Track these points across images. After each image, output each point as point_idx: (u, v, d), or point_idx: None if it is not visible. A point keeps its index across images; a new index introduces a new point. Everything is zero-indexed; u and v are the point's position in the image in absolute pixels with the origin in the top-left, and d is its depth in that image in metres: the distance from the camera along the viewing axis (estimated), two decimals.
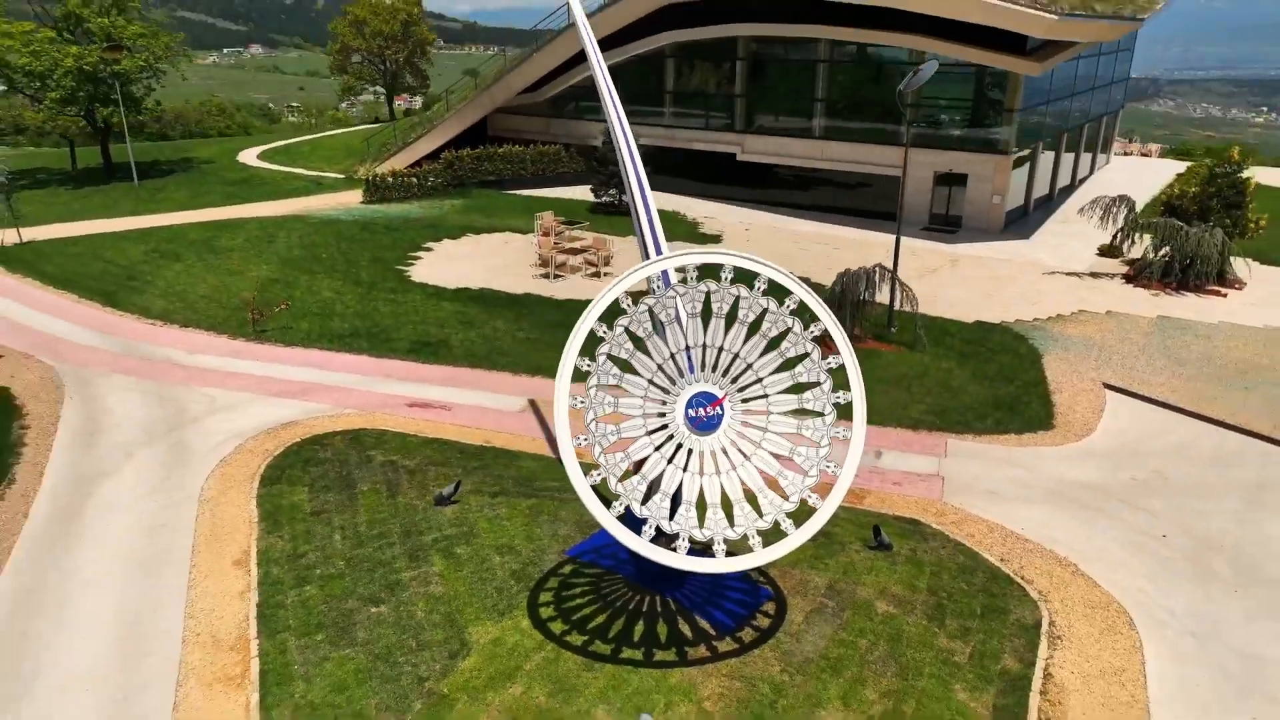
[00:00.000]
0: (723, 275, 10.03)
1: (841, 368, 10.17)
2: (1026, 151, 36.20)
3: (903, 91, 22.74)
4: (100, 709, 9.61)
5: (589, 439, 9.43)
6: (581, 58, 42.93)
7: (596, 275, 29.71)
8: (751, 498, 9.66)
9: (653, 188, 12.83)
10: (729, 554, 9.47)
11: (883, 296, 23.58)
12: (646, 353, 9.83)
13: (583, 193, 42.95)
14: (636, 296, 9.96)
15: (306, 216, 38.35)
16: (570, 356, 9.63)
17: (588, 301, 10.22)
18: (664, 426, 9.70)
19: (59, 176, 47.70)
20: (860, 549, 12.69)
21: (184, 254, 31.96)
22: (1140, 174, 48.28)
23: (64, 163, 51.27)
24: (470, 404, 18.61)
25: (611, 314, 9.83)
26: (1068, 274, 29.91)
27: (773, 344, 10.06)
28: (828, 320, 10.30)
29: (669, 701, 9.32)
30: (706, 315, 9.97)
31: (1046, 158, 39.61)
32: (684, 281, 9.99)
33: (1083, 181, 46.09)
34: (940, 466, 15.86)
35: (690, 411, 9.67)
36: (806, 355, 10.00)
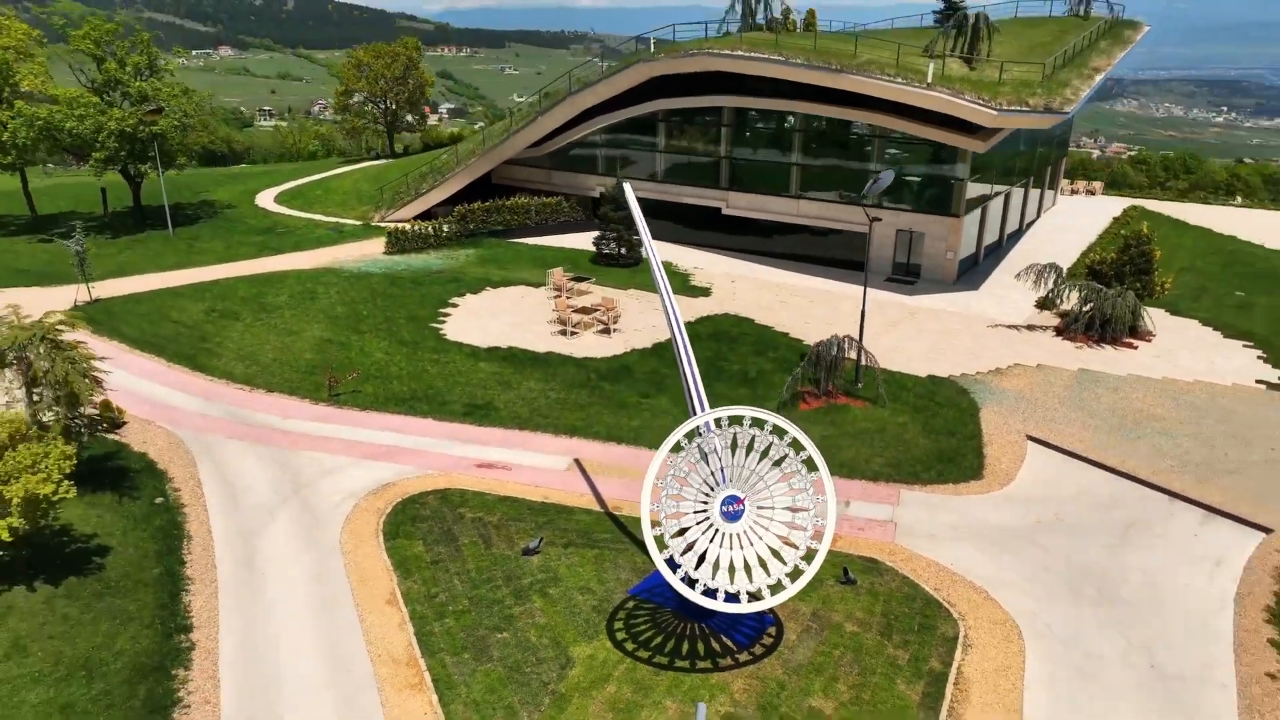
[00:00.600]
0: (744, 419, 14.85)
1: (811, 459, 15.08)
2: (977, 211, 41.50)
3: (866, 194, 27.80)
4: (339, 704, 14.36)
5: (661, 515, 14.31)
6: (580, 119, 47.88)
7: (606, 332, 34.49)
8: (762, 563, 14.58)
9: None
10: (752, 598, 14.40)
11: (853, 353, 28.66)
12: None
13: (583, 241, 47.68)
14: (691, 434, 14.81)
15: (338, 269, 42.71)
16: (651, 476, 14.44)
17: (603, 360, 15.02)
18: (708, 517, 14.58)
19: (94, 224, 51.57)
20: (834, 584, 17.68)
21: (240, 312, 36.33)
22: (1080, 216, 53.89)
23: (92, 204, 54.93)
24: (526, 464, 23.42)
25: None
26: (1008, 327, 35.19)
27: (776, 464, 14.95)
28: (811, 449, 15.17)
29: (712, 695, 14.24)
30: (735, 446, 14.82)
31: (996, 208, 44.95)
32: (719, 424, 14.86)
33: (1030, 225, 51.64)
34: (894, 514, 20.91)
35: (724, 508, 14.56)
36: (798, 472, 14.91)
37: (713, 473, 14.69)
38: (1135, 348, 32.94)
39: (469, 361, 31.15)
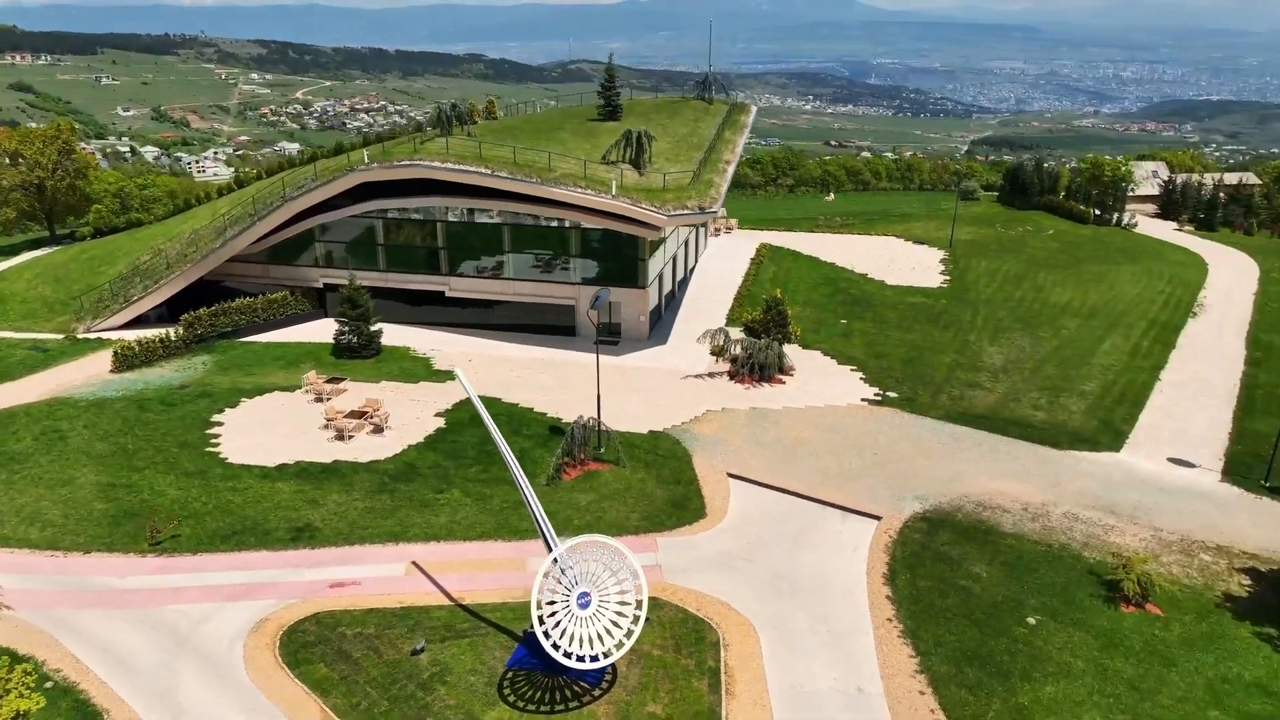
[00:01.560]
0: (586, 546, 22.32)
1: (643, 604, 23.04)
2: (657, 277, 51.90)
3: (591, 309, 36.20)
4: None
5: (540, 612, 21.37)
6: (297, 219, 51.26)
7: (379, 431, 39.65)
8: (605, 632, 22.19)
9: (375, 318, 24.97)
10: (605, 657, 22.00)
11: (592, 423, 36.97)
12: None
13: (314, 333, 51.38)
14: (558, 564, 21.94)
15: (71, 399, 42.68)
16: (535, 590, 21.41)
17: (388, 461, 22.18)
18: (568, 605, 21.86)
19: None
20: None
21: None
22: (727, 257, 67.19)
23: None
24: (369, 575, 28.78)
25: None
26: (696, 376, 45.77)
27: (611, 573, 22.56)
28: (638, 571, 23.00)
29: None
30: (587, 565, 22.23)
31: (669, 268, 55.87)
32: (571, 551, 22.21)
33: (693, 270, 63.78)
34: (657, 559, 29.54)
35: (578, 600, 21.92)
36: (628, 580, 22.71)
37: (570, 579, 22.01)
38: (784, 382, 44.98)
39: (266, 484, 34.91)
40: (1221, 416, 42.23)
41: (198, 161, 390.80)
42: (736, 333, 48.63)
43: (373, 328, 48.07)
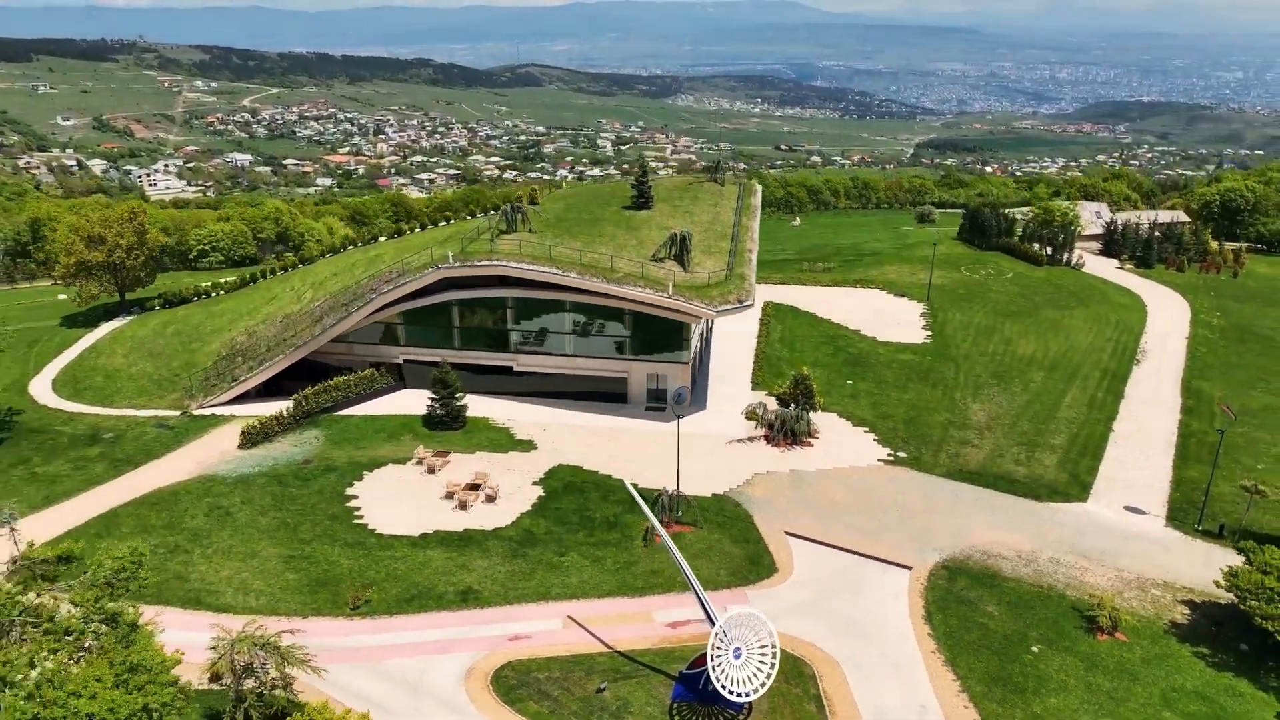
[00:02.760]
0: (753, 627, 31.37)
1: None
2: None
3: (675, 405, 45.22)
4: None
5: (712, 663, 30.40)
6: (383, 309, 59.26)
7: (492, 500, 48.11)
8: (751, 677, 31.24)
9: (459, 390, 34.07)
10: (748, 694, 31.08)
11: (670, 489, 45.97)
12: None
13: (399, 405, 59.41)
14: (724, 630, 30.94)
15: (218, 477, 50.37)
16: (710, 647, 30.45)
17: (510, 529, 32.08)
18: (726, 656, 30.86)
19: None
20: None
21: (184, 545, 43.82)
22: (738, 320, 76.28)
23: None
24: (535, 630, 37.39)
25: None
26: (738, 441, 54.98)
27: (754, 633, 31.59)
28: (773, 632, 32.10)
29: None
30: (739, 629, 31.25)
31: (698, 337, 64.98)
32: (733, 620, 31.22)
33: (709, 335, 73.00)
34: (751, 609, 38.64)
35: (733, 653, 30.94)
36: (766, 638, 31.76)
37: (729, 640, 31.01)
38: (811, 445, 54.48)
39: (419, 552, 43.26)
40: (1163, 464, 52.81)
41: (148, 175, 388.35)
42: (767, 398, 57.98)
43: (459, 403, 56.41)
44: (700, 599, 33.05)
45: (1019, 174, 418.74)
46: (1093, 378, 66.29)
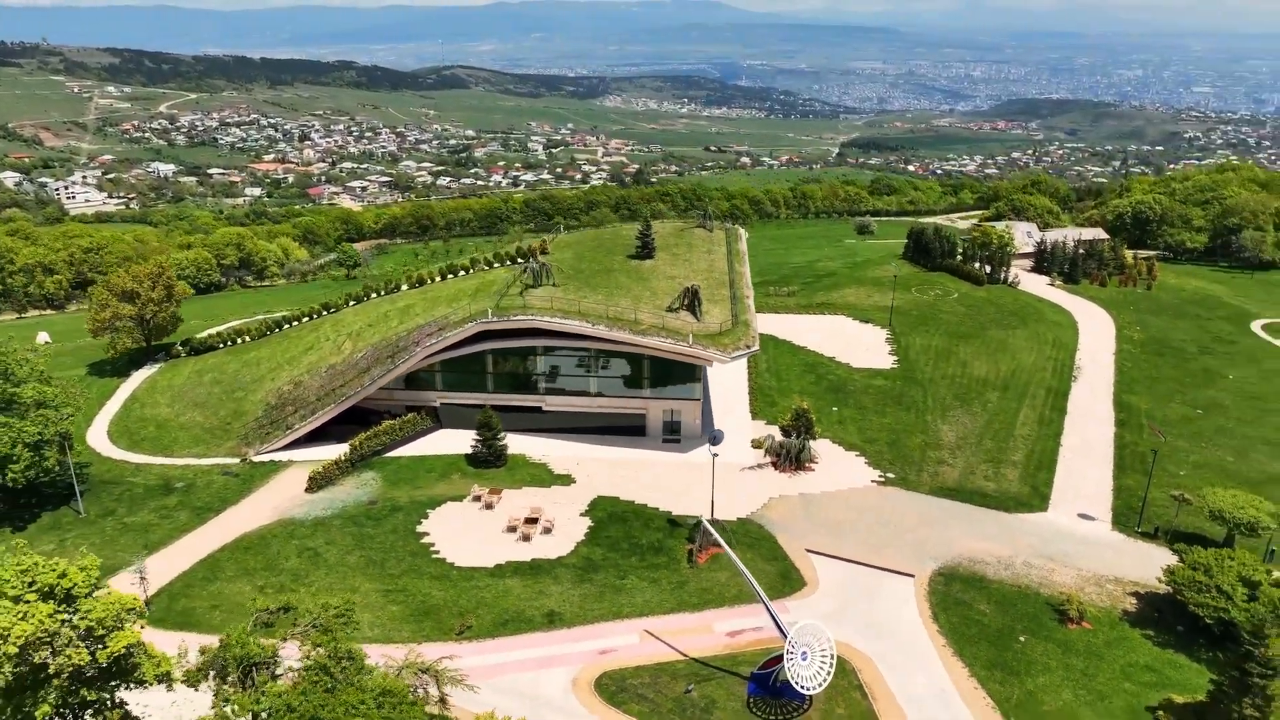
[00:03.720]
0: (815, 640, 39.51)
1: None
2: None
3: (711, 445, 53.21)
4: None
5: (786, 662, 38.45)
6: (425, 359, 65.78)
7: (549, 532, 55.30)
8: (816, 675, 39.35)
9: (500, 431, 42.21)
10: (814, 689, 39.23)
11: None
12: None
13: (440, 445, 65.88)
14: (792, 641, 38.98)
15: (298, 520, 56.37)
16: (786, 650, 38.52)
17: (571, 558, 39.60)
18: (795, 658, 38.94)
19: None
20: None
21: (288, 585, 49.89)
22: None
23: None
24: (617, 645, 44.87)
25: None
26: (750, 468, 63.17)
27: (816, 639, 39.72)
28: (830, 638, 40.29)
29: None
30: (804, 636, 39.35)
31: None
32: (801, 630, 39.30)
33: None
34: (793, 617, 46.85)
35: (801, 655, 39.00)
36: (826, 643, 39.91)
37: (797, 645, 39.04)
38: (812, 469, 63.08)
39: (499, 582, 50.26)
40: (1105, 475, 62.93)
41: (66, 187, 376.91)
42: (769, 427, 66.26)
43: (501, 442, 63.34)
44: (770, 611, 41.14)
45: (940, 173, 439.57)
46: (1039, 396, 76.51)
